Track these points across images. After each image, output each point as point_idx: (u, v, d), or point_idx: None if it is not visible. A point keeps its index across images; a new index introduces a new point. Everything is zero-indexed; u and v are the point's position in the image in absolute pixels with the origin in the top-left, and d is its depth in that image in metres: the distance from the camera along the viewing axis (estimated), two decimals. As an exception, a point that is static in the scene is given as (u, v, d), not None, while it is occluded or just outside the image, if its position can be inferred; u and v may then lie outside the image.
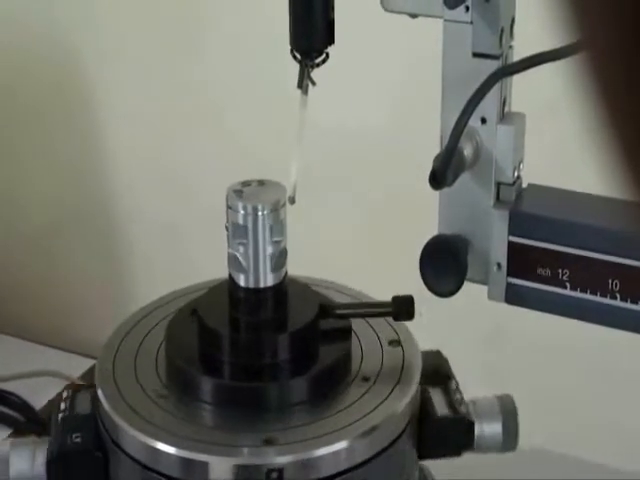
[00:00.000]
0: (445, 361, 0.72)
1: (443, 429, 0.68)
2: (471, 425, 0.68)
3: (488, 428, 0.69)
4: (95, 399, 0.68)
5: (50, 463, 0.65)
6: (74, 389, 0.71)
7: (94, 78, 1.18)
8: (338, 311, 0.70)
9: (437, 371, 0.71)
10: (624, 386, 1.01)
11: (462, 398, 0.69)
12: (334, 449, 0.63)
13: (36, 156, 1.25)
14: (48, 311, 1.29)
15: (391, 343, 0.71)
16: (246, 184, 0.68)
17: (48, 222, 1.27)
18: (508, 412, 0.69)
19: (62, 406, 0.68)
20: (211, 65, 1.12)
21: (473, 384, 0.72)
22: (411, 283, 0.69)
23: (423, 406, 0.68)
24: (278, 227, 0.67)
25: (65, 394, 0.70)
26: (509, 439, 0.69)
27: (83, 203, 1.25)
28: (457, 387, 0.70)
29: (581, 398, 1.04)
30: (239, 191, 0.67)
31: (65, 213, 1.26)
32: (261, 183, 0.68)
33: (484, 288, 0.68)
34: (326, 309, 0.69)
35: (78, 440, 0.65)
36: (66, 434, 0.65)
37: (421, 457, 0.69)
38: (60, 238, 1.26)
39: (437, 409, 0.68)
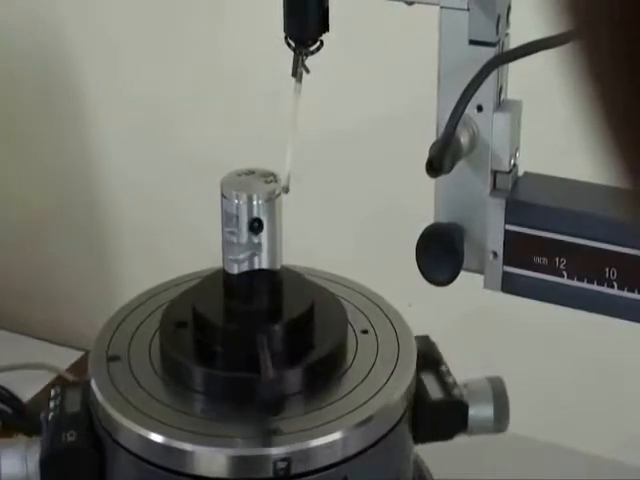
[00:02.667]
0: (433, 345, 0.72)
1: (438, 413, 0.68)
2: (465, 408, 0.68)
3: (480, 410, 0.69)
4: (86, 393, 0.67)
5: (44, 462, 0.64)
6: (62, 386, 0.69)
7: (79, 61, 1.17)
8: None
9: (427, 356, 0.71)
10: (615, 371, 1.01)
11: (454, 381, 0.69)
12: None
13: (26, 145, 1.24)
14: (35, 303, 1.28)
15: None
16: (241, 173, 0.68)
17: (38, 214, 1.26)
18: (499, 394, 0.70)
19: (52, 404, 0.67)
20: (203, 61, 1.11)
21: (461, 368, 0.71)
22: (405, 272, 0.69)
23: (417, 391, 0.68)
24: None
25: (53, 392, 0.68)
26: (500, 420, 0.70)
27: (72, 195, 1.24)
28: (448, 371, 0.70)
29: (571, 384, 1.04)
30: (234, 180, 0.67)
31: (55, 205, 1.25)
32: (256, 172, 0.68)
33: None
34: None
35: (72, 438, 0.64)
36: (59, 432, 0.65)
37: (415, 442, 0.69)
38: (50, 230, 1.26)
39: (430, 393, 0.68)
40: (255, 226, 0.66)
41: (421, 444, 0.70)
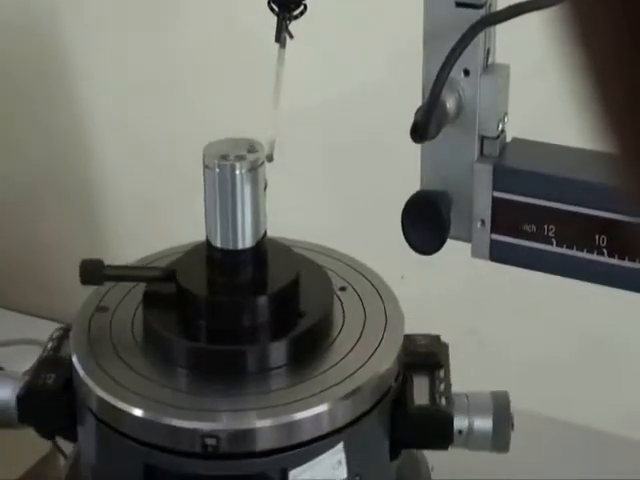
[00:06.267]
0: (443, 348, 0.68)
1: (418, 421, 0.64)
2: (448, 419, 0.63)
3: (478, 424, 0.64)
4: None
5: (19, 399, 0.66)
6: (65, 329, 0.70)
7: (72, 45, 1.16)
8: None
9: (429, 356, 0.67)
10: (613, 342, 1.01)
11: (448, 389, 0.65)
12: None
13: (24, 124, 1.23)
14: (27, 279, 1.27)
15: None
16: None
17: (28, 192, 1.25)
18: (501, 409, 0.64)
19: (49, 345, 0.70)
20: (189, 31, 1.10)
21: (453, 340, 0.70)
22: (394, 244, 0.67)
23: (402, 393, 0.65)
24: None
25: (55, 334, 0.71)
26: (500, 438, 0.64)
27: (61, 173, 1.23)
28: (446, 376, 0.66)
29: (565, 355, 1.03)
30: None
31: (43, 183, 1.24)
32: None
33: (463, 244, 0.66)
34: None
35: (50, 381, 0.66)
36: (40, 373, 0.67)
37: (396, 447, 0.65)
38: (40, 206, 1.25)
39: (415, 398, 0.64)
40: None
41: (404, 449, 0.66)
